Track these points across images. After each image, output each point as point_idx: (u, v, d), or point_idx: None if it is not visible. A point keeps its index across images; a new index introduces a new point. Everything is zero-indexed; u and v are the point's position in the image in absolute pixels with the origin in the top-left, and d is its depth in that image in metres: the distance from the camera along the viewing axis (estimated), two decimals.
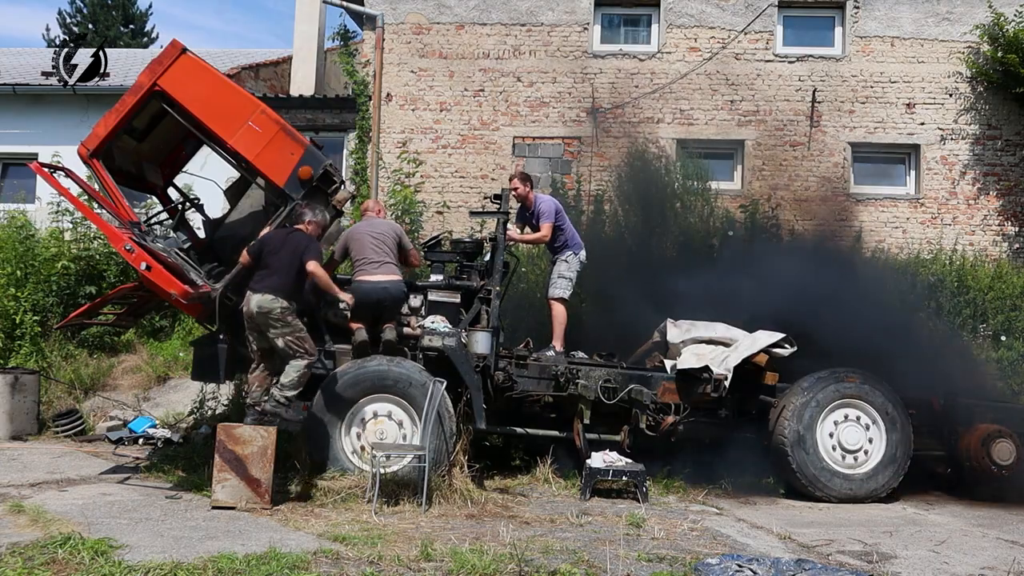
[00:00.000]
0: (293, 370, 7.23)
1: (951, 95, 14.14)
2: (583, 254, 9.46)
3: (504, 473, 8.73)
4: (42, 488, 7.50)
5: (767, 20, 14.29)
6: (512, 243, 9.22)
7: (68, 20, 33.71)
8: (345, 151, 14.72)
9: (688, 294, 9.37)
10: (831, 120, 14.14)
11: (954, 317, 11.68)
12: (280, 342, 7.21)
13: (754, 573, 5.27)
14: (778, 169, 14.10)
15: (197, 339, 8.86)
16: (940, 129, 14.11)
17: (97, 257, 12.46)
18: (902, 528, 7.32)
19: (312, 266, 7.28)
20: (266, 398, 7.29)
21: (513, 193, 9.31)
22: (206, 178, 8.88)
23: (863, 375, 8.63)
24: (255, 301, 7.14)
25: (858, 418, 8.54)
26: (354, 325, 7.96)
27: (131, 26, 34.03)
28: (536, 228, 9.42)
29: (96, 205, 8.56)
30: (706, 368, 8.57)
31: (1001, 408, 9.30)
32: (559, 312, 9.21)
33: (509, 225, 9.19)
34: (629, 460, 8.28)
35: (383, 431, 7.67)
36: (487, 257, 8.95)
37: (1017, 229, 13.98)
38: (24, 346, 11.53)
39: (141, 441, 10.08)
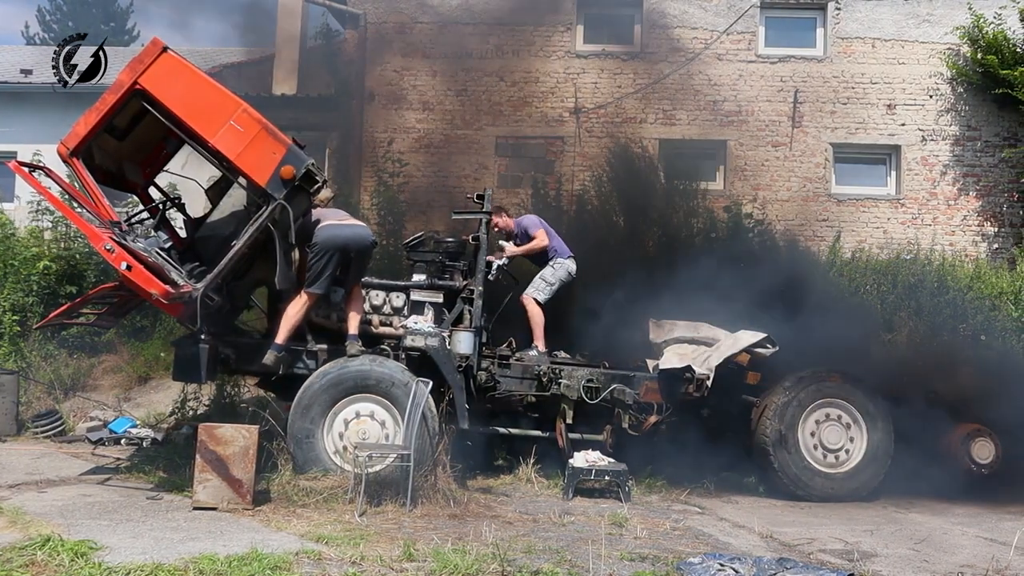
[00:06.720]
0: None
1: (931, 96, 14.25)
2: (572, 265, 9.43)
3: (487, 473, 8.72)
4: (21, 489, 7.42)
5: (749, 21, 14.35)
6: (512, 258, 9.30)
7: (48, 17, 33.48)
8: (327, 150, 14.65)
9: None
10: (813, 121, 14.23)
11: (934, 317, 11.75)
12: None
13: (736, 572, 5.29)
14: (760, 169, 14.17)
15: (178, 339, 8.79)
16: (920, 130, 14.22)
17: (78, 257, 12.36)
18: (883, 526, 7.37)
19: None
20: None
21: (496, 230, 9.43)
22: (187, 177, 8.81)
23: (844, 374, 8.68)
24: None
25: (839, 417, 8.59)
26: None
27: (112, 23, 33.80)
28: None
29: (76, 204, 8.48)
30: (688, 368, 8.60)
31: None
32: (534, 312, 9.20)
33: (504, 243, 9.30)
34: (612, 460, 8.29)
35: (365, 431, 7.65)
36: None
37: (996, 229, 14.11)
38: (3, 346, 11.41)
39: (123, 442, 10.01)
